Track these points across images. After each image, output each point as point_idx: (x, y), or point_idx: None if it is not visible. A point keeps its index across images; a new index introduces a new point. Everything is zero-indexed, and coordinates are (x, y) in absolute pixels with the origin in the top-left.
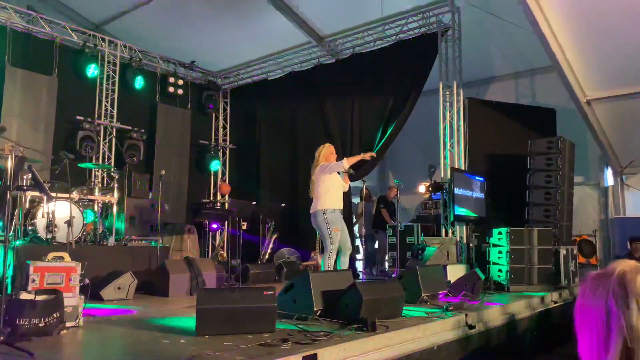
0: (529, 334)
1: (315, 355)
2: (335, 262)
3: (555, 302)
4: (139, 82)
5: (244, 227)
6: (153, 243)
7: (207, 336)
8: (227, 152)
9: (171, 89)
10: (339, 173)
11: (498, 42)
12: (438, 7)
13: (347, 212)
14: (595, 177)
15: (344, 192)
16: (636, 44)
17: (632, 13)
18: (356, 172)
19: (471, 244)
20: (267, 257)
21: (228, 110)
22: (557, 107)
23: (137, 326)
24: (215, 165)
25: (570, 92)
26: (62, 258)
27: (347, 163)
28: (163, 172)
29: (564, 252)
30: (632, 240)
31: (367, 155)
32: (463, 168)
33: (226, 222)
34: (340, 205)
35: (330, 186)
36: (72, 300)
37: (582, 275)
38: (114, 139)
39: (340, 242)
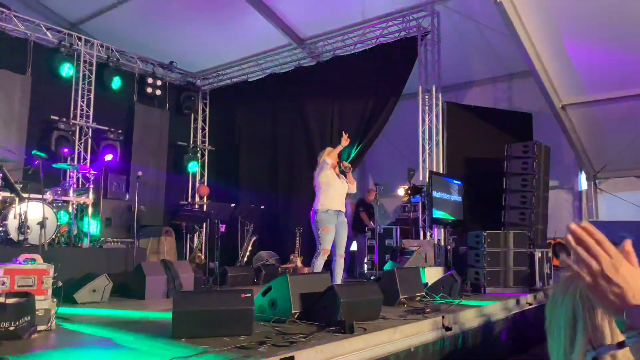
0: (504, 335)
1: (292, 357)
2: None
3: (530, 304)
4: (116, 82)
5: (222, 230)
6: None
7: (183, 339)
8: (206, 154)
9: (149, 90)
10: (343, 174)
11: (477, 47)
12: (418, 11)
13: None
14: (570, 182)
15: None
16: (610, 52)
17: (607, 21)
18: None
19: (449, 247)
20: (245, 259)
21: (207, 112)
22: (533, 112)
23: (112, 329)
24: (193, 167)
25: (546, 97)
26: (34, 260)
27: (328, 158)
28: (140, 173)
29: (539, 254)
30: (614, 245)
31: (343, 141)
32: (441, 171)
33: (204, 224)
34: (336, 206)
35: (325, 187)
36: (45, 303)
37: (556, 277)
38: (89, 140)
39: (334, 245)
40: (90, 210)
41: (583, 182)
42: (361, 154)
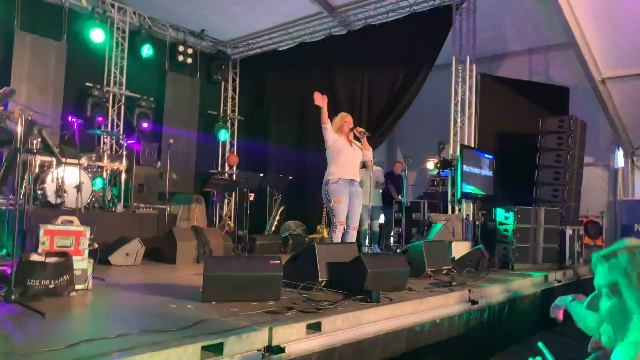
0: (531, 311)
1: (319, 323)
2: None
3: (559, 282)
4: (148, 50)
5: (251, 199)
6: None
7: (213, 302)
8: (236, 123)
9: (180, 58)
10: (358, 140)
11: (513, 17)
12: None
13: None
14: (606, 159)
15: (366, 162)
16: None
17: None
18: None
19: (477, 222)
20: (273, 229)
21: (237, 81)
22: (570, 86)
23: (145, 291)
24: (223, 136)
25: (585, 70)
26: (71, 222)
27: (325, 124)
28: (171, 140)
29: (570, 232)
30: None
31: (319, 103)
32: (473, 145)
33: (233, 193)
34: (347, 174)
35: (335, 155)
36: (82, 263)
37: (587, 255)
38: (122, 107)
39: (347, 216)
40: (123, 176)
41: (620, 159)
42: (391, 126)
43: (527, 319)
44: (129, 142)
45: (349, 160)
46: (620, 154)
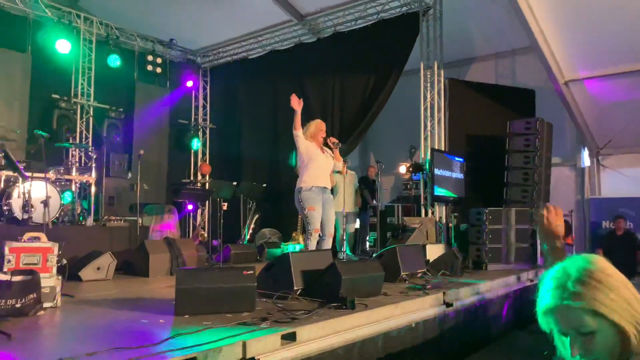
0: (505, 311)
1: (294, 333)
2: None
3: (532, 280)
4: (116, 60)
5: (225, 208)
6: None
7: (186, 316)
8: (208, 132)
9: (150, 67)
10: (329, 148)
11: (479, 22)
12: None
13: None
14: (573, 158)
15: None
16: (614, 27)
17: None
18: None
19: (450, 224)
20: (248, 237)
21: (208, 89)
22: (536, 88)
23: (116, 306)
24: (195, 145)
25: (549, 73)
26: (38, 238)
27: (297, 131)
28: (142, 151)
29: None
30: (615, 218)
31: (294, 107)
32: (443, 149)
33: (207, 202)
34: (320, 182)
35: (308, 162)
36: (50, 280)
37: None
38: (91, 118)
39: (321, 224)
40: (93, 189)
41: (586, 159)
42: (363, 131)
43: (500, 319)
44: (96, 152)
45: (322, 168)
46: (585, 154)
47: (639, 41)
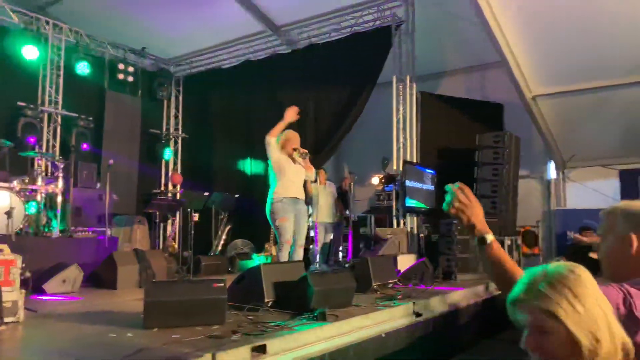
0: (473, 320)
1: (264, 346)
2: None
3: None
4: (85, 68)
5: (196, 219)
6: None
7: (155, 329)
8: (180, 142)
9: (121, 76)
10: (296, 159)
11: (450, 37)
12: (392, 1)
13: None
14: (539, 171)
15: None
16: (580, 45)
17: (578, 13)
18: (313, 162)
19: (421, 235)
20: (220, 248)
21: (181, 99)
22: (504, 102)
23: (82, 320)
24: (167, 155)
25: (517, 88)
26: (1, 250)
27: (271, 138)
28: (111, 161)
29: (509, 242)
30: (581, 229)
31: (288, 115)
32: (415, 161)
33: (178, 213)
34: (291, 193)
35: (278, 174)
36: (12, 294)
37: (526, 264)
38: (58, 127)
39: (293, 235)
40: (59, 199)
41: (552, 172)
42: (337, 143)
43: (469, 328)
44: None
45: (293, 179)
46: (552, 166)
47: (602, 59)
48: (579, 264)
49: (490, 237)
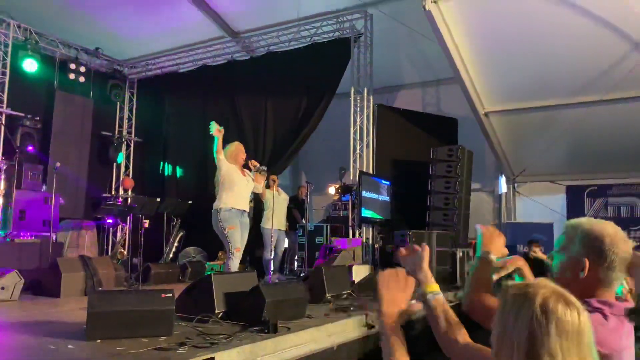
0: (426, 332)
1: (212, 358)
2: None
3: (451, 302)
4: (35, 67)
5: (146, 225)
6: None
7: (98, 341)
8: (132, 145)
9: (72, 76)
10: (249, 169)
11: (408, 52)
12: (351, 13)
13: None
14: (491, 184)
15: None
16: (529, 65)
17: (527, 37)
18: (270, 170)
19: (376, 245)
20: (171, 256)
21: (134, 102)
22: (459, 117)
23: (20, 330)
24: (118, 158)
25: (470, 103)
26: None
27: (219, 155)
28: (58, 163)
29: (460, 254)
30: (530, 242)
31: (215, 134)
32: (371, 171)
33: (128, 218)
34: (239, 205)
35: (228, 185)
36: None
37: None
38: (2, 127)
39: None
40: (1, 201)
41: (503, 186)
42: (294, 151)
43: (424, 339)
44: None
45: (242, 191)
46: (503, 181)
47: (550, 81)
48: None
49: (433, 287)
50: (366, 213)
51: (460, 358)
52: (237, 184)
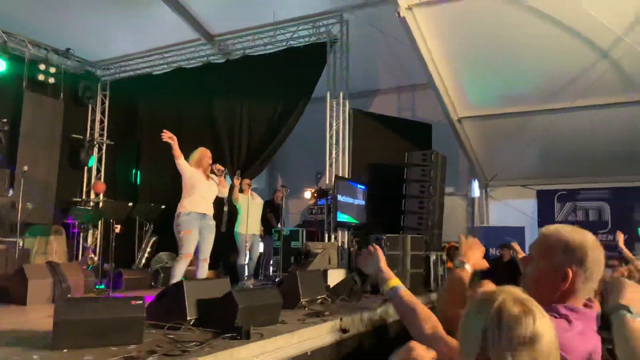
0: (399, 335)
1: None
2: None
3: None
4: (3, 67)
5: (118, 230)
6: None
7: (65, 350)
8: (104, 148)
9: (41, 77)
10: (213, 174)
11: (383, 57)
12: (327, 18)
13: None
14: (465, 189)
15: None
16: (501, 73)
17: (499, 44)
18: (245, 174)
19: (352, 249)
20: (143, 261)
21: (107, 104)
22: (433, 122)
23: None
24: (90, 162)
25: (444, 109)
26: None
27: (178, 160)
28: (26, 167)
29: (434, 257)
30: (502, 246)
31: (166, 138)
32: (347, 176)
33: (99, 223)
34: (200, 209)
35: (190, 189)
36: None
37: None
38: None
39: (198, 249)
40: None
41: (476, 190)
42: (270, 155)
43: (396, 344)
44: None
45: (203, 195)
46: (476, 185)
47: (520, 88)
48: (500, 280)
49: (392, 282)
50: (342, 217)
51: (432, 347)
52: (198, 189)
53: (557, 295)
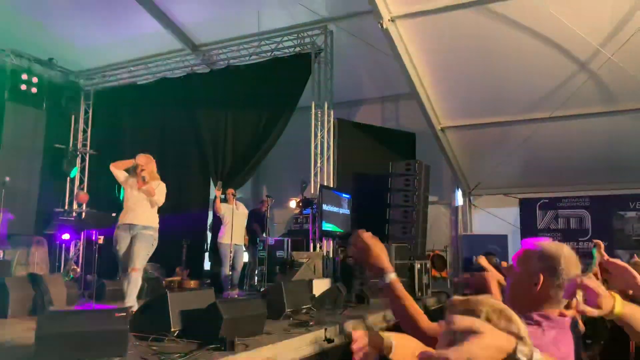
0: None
1: None
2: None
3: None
4: None
5: (101, 241)
6: None
7: None
8: (87, 158)
9: (23, 87)
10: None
11: (367, 67)
12: (312, 29)
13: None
14: (448, 197)
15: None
16: (482, 83)
17: (482, 55)
18: (230, 184)
19: (337, 258)
20: None
21: (90, 114)
22: (417, 132)
23: None
24: (72, 172)
25: (427, 119)
26: None
27: (112, 167)
28: (7, 178)
29: (419, 266)
30: (486, 254)
31: (129, 163)
32: (332, 185)
33: (82, 234)
34: (128, 219)
35: (124, 200)
36: None
37: (436, 287)
38: None
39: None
40: None
41: (459, 199)
42: (254, 165)
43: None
44: None
45: (133, 205)
46: (459, 194)
47: (503, 97)
48: None
49: (391, 276)
50: (327, 226)
51: (426, 337)
52: (127, 198)
53: (531, 301)
